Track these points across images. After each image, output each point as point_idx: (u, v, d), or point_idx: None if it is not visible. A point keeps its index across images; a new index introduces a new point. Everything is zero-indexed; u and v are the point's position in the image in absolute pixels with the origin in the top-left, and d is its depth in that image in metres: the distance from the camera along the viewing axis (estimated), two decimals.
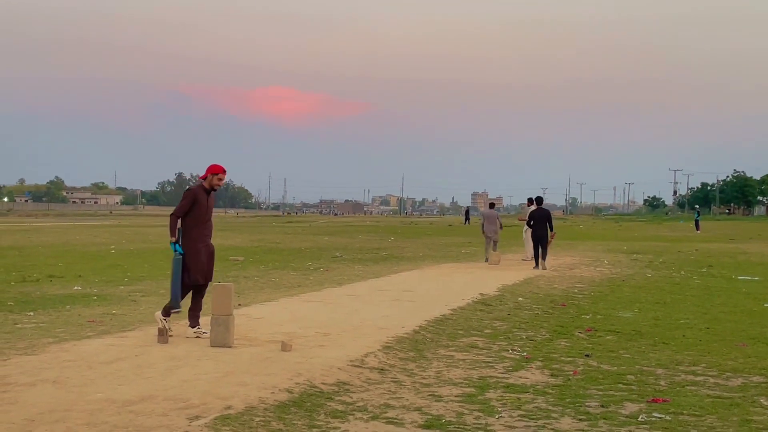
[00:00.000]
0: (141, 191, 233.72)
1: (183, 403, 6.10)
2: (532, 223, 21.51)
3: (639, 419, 6.31)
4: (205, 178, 9.41)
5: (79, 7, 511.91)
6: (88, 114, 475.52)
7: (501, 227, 24.44)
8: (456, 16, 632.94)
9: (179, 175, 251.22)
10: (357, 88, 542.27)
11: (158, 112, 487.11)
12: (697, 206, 79.70)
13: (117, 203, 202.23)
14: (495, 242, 24.03)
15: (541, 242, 20.94)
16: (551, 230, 21.35)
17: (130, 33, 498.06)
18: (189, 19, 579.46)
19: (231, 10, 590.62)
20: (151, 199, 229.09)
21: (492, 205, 25.76)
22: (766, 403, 6.92)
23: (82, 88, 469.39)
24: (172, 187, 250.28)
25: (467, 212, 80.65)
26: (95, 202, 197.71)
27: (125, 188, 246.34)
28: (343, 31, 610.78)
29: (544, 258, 20.83)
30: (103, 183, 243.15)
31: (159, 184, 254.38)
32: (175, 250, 9.09)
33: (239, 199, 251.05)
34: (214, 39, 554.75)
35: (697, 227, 55.02)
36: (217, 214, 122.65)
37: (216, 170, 9.36)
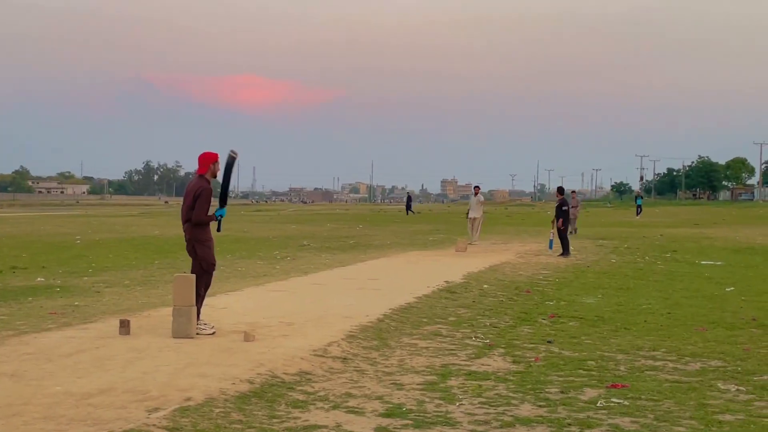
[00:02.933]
0: (108, 180, 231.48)
1: (142, 395, 6.07)
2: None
3: (597, 405, 6.38)
4: (206, 170, 9.10)
5: None
6: (54, 103, 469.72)
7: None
8: (426, 4, 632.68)
9: (147, 164, 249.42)
10: (326, 76, 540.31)
11: (125, 101, 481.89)
12: (639, 191, 79.81)
13: (84, 193, 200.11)
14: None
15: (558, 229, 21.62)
16: (558, 218, 21.66)
17: (95, 21, 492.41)
18: (155, 6, 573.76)
19: None
20: (119, 188, 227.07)
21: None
22: (723, 387, 7.03)
23: (47, 77, 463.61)
24: (140, 176, 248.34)
25: (408, 200, 69.34)
26: (61, 192, 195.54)
27: (92, 178, 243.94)
28: (312, 18, 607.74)
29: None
30: (69, 172, 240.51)
31: (126, 173, 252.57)
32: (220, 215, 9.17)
33: None
34: (180, 27, 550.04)
35: (638, 212, 54.83)
36: None
37: (215, 157, 9.16)
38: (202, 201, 8.89)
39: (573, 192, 34.96)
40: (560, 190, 23.45)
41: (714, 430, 5.72)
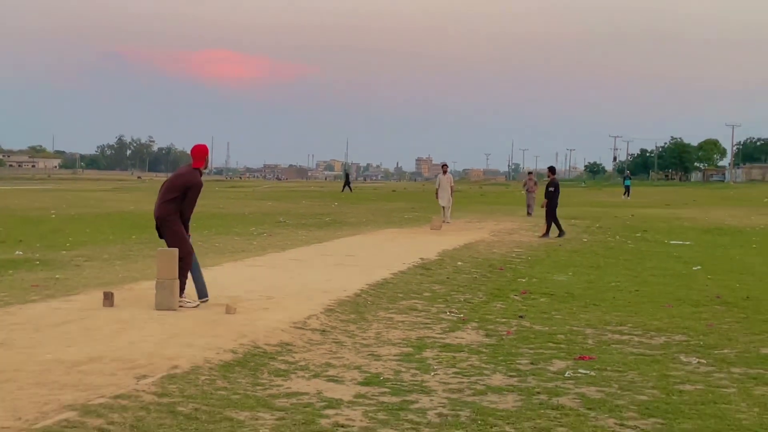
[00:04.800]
0: (80, 155, 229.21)
1: (130, 363, 6.31)
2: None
3: (565, 375, 6.70)
4: (202, 163, 9.21)
5: None
6: (25, 76, 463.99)
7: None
8: None
9: (119, 139, 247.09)
10: (302, 53, 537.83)
11: (98, 74, 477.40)
12: (628, 171, 79.92)
13: (55, 167, 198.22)
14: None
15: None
16: (546, 198, 21.52)
17: None
18: None
19: None
20: (91, 162, 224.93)
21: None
22: (685, 359, 7.38)
23: (18, 49, 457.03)
24: (113, 151, 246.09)
25: (347, 176, 66.69)
26: (33, 166, 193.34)
27: (64, 152, 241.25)
28: None
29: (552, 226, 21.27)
30: (40, 146, 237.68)
31: (99, 147, 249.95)
32: None
33: (181, 162, 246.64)
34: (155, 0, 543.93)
35: (627, 193, 55.05)
36: (159, 180, 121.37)
37: (207, 150, 9.32)
38: (196, 195, 9.09)
39: (530, 173, 33.93)
40: (551, 169, 22.95)
41: (674, 398, 6.06)
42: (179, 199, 9.04)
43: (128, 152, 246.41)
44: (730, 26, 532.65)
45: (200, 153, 9.22)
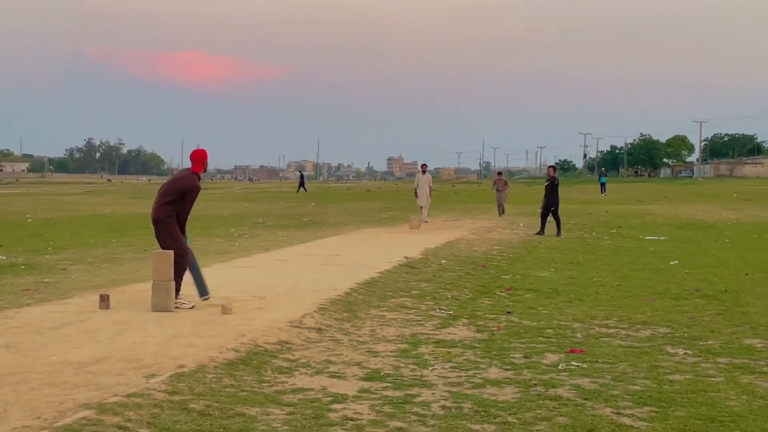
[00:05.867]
0: (48, 158, 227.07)
1: (137, 363, 6.44)
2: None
3: (559, 367, 6.92)
4: (201, 167, 9.37)
5: None
6: None
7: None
8: None
9: (88, 142, 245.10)
10: (272, 53, 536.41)
11: (66, 77, 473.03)
12: (603, 169, 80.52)
13: (24, 171, 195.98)
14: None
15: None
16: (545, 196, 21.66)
17: None
18: None
19: None
20: (60, 166, 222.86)
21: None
22: (672, 351, 7.63)
23: None
24: (81, 154, 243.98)
25: (302, 177, 64.64)
26: (0, 170, 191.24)
27: (32, 155, 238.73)
28: None
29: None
30: (8, 150, 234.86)
31: (67, 150, 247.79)
32: None
33: (151, 165, 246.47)
34: (127, 1, 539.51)
35: (603, 190, 55.66)
36: (129, 182, 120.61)
37: (206, 155, 9.47)
38: (194, 198, 9.24)
39: (499, 174, 32.95)
40: (552, 168, 23.16)
41: (666, 388, 6.30)
42: (176, 202, 9.17)
43: (97, 155, 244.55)
44: (696, 22, 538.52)
45: (199, 157, 9.38)
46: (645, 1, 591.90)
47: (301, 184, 60.89)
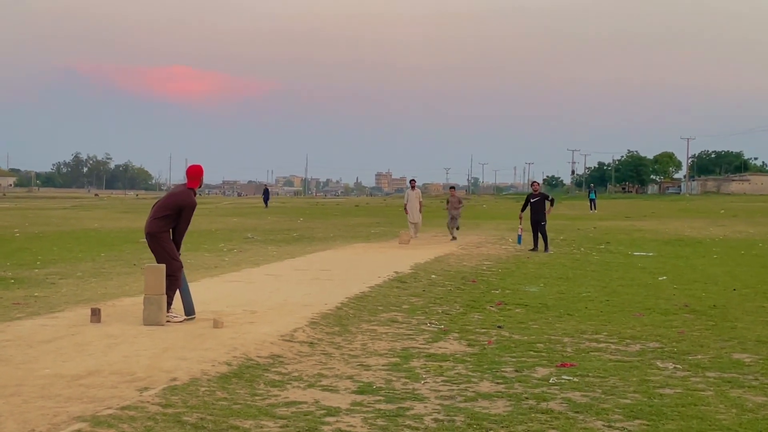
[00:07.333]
0: (35, 173, 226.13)
1: (129, 376, 6.45)
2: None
3: (550, 381, 6.97)
4: (197, 183, 9.42)
5: None
6: None
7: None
8: None
9: (76, 156, 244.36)
10: (260, 68, 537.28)
11: (53, 91, 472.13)
12: (593, 185, 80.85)
13: (10, 185, 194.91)
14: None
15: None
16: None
17: (21, 8, 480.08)
18: None
19: None
20: (47, 180, 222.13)
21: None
22: (661, 365, 7.69)
23: None
24: (69, 169, 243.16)
25: (266, 193, 62.37)
26: None
27: (19, 170, 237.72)
28: (246, 10, 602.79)
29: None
30: None
31: (54, 165, 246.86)
32: None
33: (139, 180, 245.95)
34: (110, 15, 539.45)
35: (593, 207, 55.88)
36: (116, 197, 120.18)
37: (202, 171, 9.51)
38: (188, 215, 9.29)
39: (452, 188, 28.39)
40: (537, 183, 22.89)
41: (656, 401, 6.34)
42: (172, 217, 9.20)
43: (85, 170, 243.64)
44: (684, 40, 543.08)
45: (195, 173, 9.42)
46: (634, 18, 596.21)
47: (265, 200, 60.65)
